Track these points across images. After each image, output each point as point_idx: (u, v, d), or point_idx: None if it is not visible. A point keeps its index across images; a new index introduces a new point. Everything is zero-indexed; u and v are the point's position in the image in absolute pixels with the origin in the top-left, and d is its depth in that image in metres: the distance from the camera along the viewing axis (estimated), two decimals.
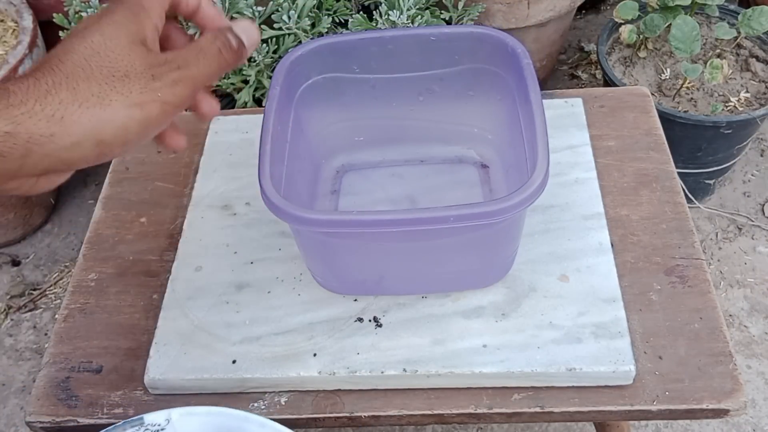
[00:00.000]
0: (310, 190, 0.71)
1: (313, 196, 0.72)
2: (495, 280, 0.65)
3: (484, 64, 0.65)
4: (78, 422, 0.62)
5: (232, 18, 1.09)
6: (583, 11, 1.86)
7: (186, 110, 0.45)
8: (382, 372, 0.60)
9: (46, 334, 1.33)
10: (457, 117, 0.71)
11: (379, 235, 0.57)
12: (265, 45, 1.14)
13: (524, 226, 0.68)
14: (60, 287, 1.41)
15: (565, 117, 0.78)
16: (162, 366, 0.62)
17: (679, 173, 0.76)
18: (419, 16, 1.15)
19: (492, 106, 0.68)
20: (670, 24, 1.22)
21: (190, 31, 0.56)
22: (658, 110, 0.82)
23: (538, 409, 0.59)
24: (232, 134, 0.80)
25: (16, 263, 1.45)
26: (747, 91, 1.28)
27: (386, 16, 1.14)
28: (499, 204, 0.52)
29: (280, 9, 1.12)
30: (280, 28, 1.13)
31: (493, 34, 0.63)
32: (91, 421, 0.62)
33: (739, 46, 1.34)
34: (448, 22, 1.26)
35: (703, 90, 1.29)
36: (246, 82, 1.19)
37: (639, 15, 1.29)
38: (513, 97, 0.62)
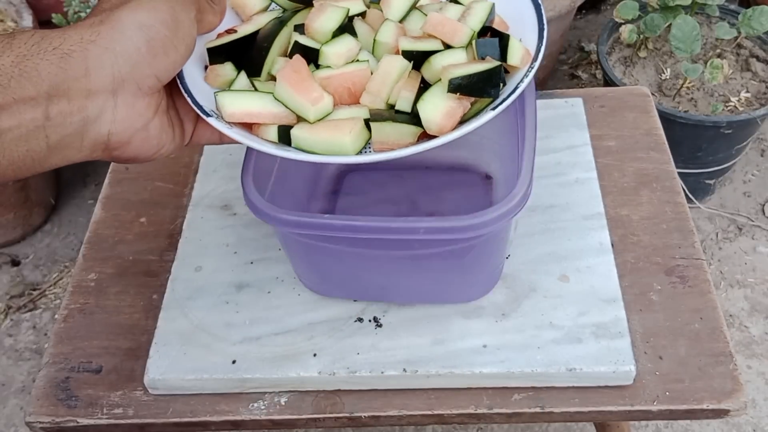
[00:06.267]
0: (308, 189, 0.71)
1: (311, 194, 0.72)
2: (479, 295, 0.64)
3: None
4: (78, 422, 0.62)
5: None
6: (583, 11, 1.86)
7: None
8: (382, 372, 0.60)
9: (45, 334, 1.33)
10: None
11: (352, 240, 0.56)
12: None
13: (524, 226, 0.68)
14: (60, 287, 1.41)
15: (565, 117, 0.78)
16: (162, 366, 0.62)
17: (679, 173, 0.76)
18: None
19: (498, 116, 0.66)
20: (671, 24, 1.22)
21: None
22: (658, 110, 0.82)
23: (538, 410, 0.59)
24: None
25: (15, 263, 1.45)
26: (747, 91, 1.28)
27: None
28: (471, 219, 0.51)
29: None
30: None
31: None
32: (91, 422, 0.62)
33: (739, 46, 1.34)
34: None
35: (704, 90, 1.29)
36: None
37: (639, 15, 1.29)
38: (515, 109, 0.62)
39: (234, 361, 0.61)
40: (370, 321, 0.63)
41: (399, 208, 0.71)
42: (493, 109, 0.48)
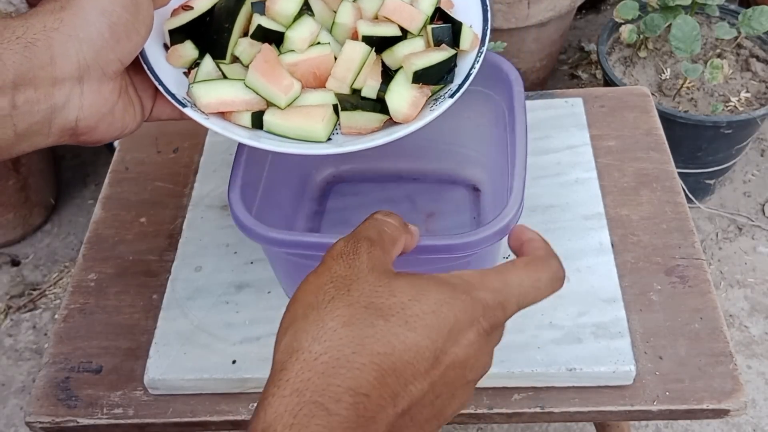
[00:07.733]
0: (295, 196, 0.71)
1: (297, 205, 0.71)
2: None
3: (480, 87, 0.62)
4: (78, 422, 0.62)
5: None
6: (583, 11, 1.86)
7: None
8: None
9: (45, 334, 1.33)
10: (453, 137, 0.70)
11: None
12: None
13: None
14: (60, 287, 1.41)
15: (565, 117, 0.78)
16: (162, 366, 0.62)
17: (679, 173, 0.76)
18: None
19: (485, 129, 0.66)
20: (671, 24, 1.22)
21: None
22: (658, 110, 0.82)
23: (538, 410, 0.59)
24: None
25: (15, 263, 1.45)
26: (747, 91, 1.28)
27: None
28: (458, 239, 0.50)
29: None
30: None
31: (490, 57, 0.60)
32: (91, 422, 0.62)
33: (739, 45, 1.34)
34: None
35: (704, 90, 1.29)
36: None
37: (639, 15, 1.29)
38: (505, 123, 0.61)
39: (234, 361, 0.61)
40: None
41: (400, 206, 0.71)
42: (451, 96, 0.51)
